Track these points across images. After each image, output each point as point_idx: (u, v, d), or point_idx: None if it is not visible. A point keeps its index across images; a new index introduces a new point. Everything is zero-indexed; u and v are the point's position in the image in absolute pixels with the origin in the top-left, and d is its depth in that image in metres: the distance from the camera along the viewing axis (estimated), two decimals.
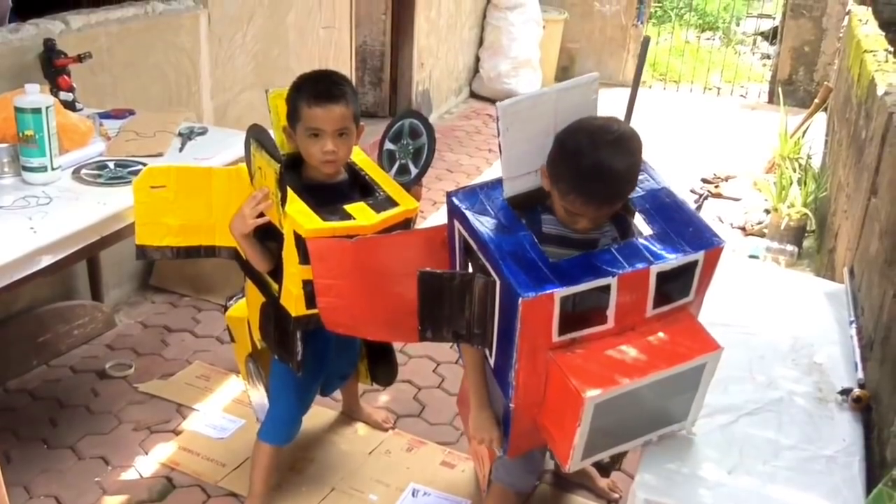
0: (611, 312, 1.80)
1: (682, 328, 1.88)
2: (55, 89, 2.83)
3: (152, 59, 3.56)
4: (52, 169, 2.35)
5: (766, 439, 1.88)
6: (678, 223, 1.90)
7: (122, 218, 2.28)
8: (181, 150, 2.69)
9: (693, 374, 1.83)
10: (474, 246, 1.86)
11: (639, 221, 1.99)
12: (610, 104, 2.01)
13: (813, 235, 4.69)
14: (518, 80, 7.36)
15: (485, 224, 1.87)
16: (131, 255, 3.59)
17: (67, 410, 2.88)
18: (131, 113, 2.97)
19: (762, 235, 4.65)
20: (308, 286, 2.02)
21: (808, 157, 5.26)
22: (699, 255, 1.84)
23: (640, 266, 1.79)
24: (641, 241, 1.86)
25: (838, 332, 2.34)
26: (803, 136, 5.59)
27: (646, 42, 2.15)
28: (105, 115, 2.91)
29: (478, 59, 7.61)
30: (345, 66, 5.30)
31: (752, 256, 4.32)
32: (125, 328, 3.42)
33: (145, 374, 3.09)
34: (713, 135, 6.89)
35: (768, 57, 9.31)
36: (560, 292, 1.73)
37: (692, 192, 5.43)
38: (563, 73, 8.23)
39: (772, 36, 9.10)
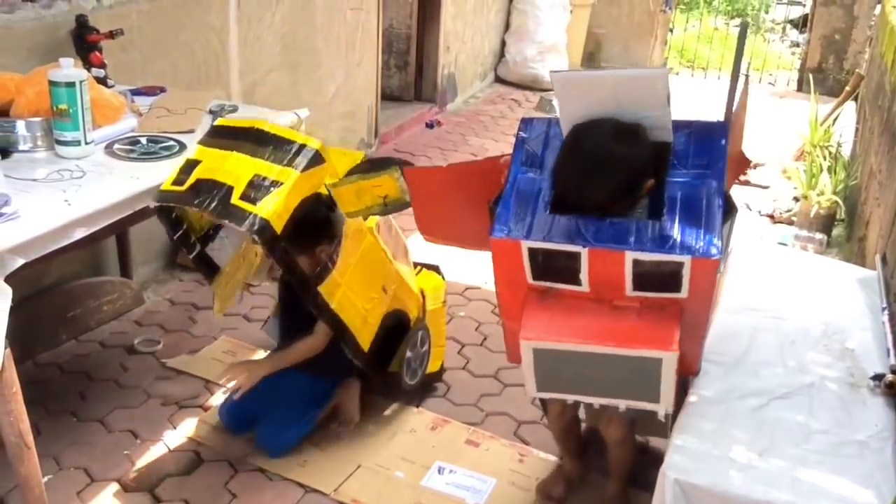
0: (584, 277, 1.87)
1: (656, 318, 1.87)
2: (87, 65, 2.84)
3: (182, 37, 3.57)
4: (86, 143, 2.36)
5: (797, 423, 1.86)
6: (691, 220, 1.86)
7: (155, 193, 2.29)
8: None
9: (648, 365, 1.85)
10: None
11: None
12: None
13: (842, 224, 4.64)
14: (544, 65, 7.31)
15: (526, 155, 2.03)
16: (160, 233, 3.63)
17: (96, 384, 2.91)
18: (162, 90, 2.98)
19: (791, 223, 4.60)
20: None
21: (839, 145, 5.19)
22: (684, 259, 1.80)
23: (615, 247, 1.83)
24: (641, 223, 1.87)
25: (870, 319, 2.32)
26: (833, 124, 5.52)
27: (743, 27, 2.11)
28: (136, 92, 2.92)
29: (503, 44, 7.58)
30: (371, 48, 5.29)
31: (780, 244, 4.28)
32: (153, 305, 3.44)
33: (173, 350, 3.12)
34: None
35: (797, 45, 9.21)
36: (527, 243, 1.85)
37: None
38: (590, 58, 8.18)
39: (801, 23, 8.99)
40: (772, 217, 4.80)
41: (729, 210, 1.91)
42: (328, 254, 2.44)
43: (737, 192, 5.14)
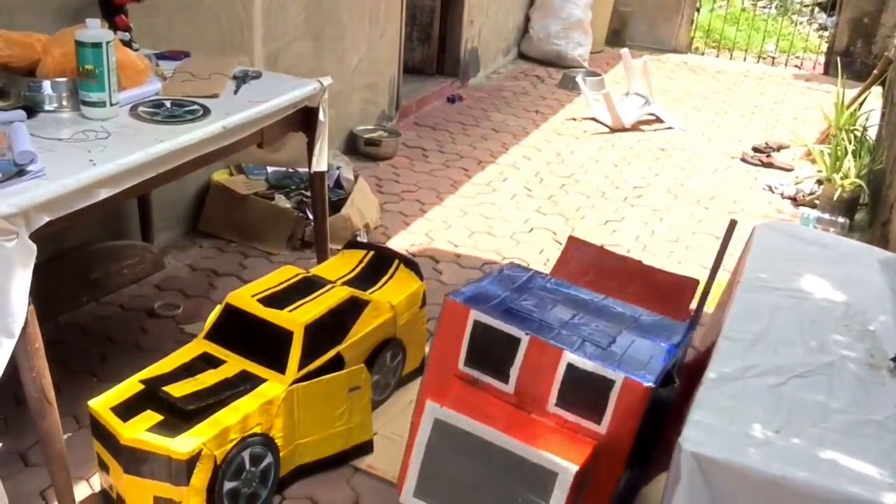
0: (514, 373, 1.93)
1: (570, 437, 1.91)
2: (112, 28, 2.84)
3: (207, 2, 3.57)
4: (111, 105, 2.36)
5: (815, 402, 1.85)
6: (634, 357, 1.97)
7: (179, 156, 2.30)
8: (236, 92, 2.69)
9: (542, 478, 1.84)
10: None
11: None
12: (661, 69, 1.99)
13: (865, 208, 4.59)
14: (568, 41, 7.25)
15: (502, 281, 2.19)
16: (181, 198, 3.64)
17: (117, 346, 2.94)
18: (186, 55, 2.98)
19: (813, 206, 4.56)
20: None
21: (864, 128, 5.13)
22: (616, 377, 1.88)
23: (557, 344, 1.91)
24: (588, 341, 1.97)
25: (892, 301, 2.30)
26: (860, 107, 5.45)
27: (731, 225, 2.27)
28: (161, 56, 2.92)
29: (528, 19, 7.51)
30: (394, 20, 5.26)
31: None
32: (173, 270, 3.47)
33: (193, 315, 3.14)
34: (766, 104, 6.75)
35: (825, 28, 9.08)
36: (476, 314, 1.95)
37: (743, 160, 5.34)
38: (614, 36, 8.09)
39: (830, 6, 8.86)
40: (794, 199, 4.76)
41: (668, 382, 1.98)
42: None
43: (760, 175, 5.11)
